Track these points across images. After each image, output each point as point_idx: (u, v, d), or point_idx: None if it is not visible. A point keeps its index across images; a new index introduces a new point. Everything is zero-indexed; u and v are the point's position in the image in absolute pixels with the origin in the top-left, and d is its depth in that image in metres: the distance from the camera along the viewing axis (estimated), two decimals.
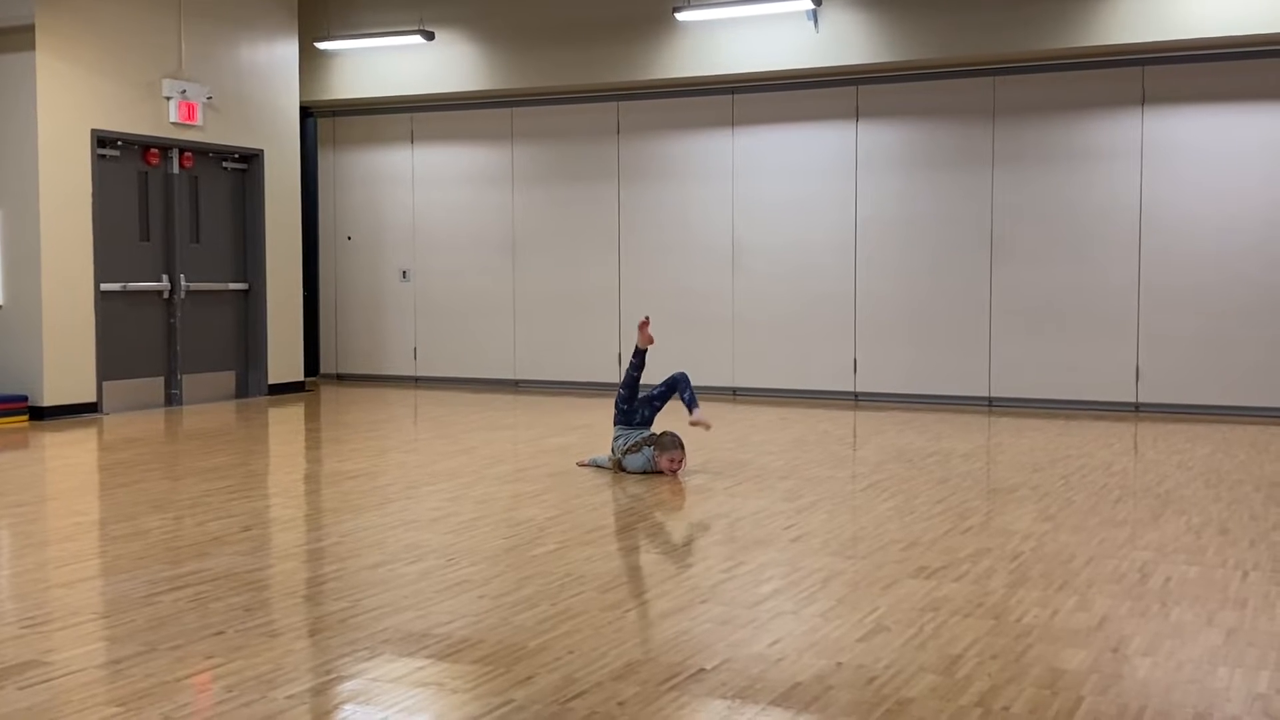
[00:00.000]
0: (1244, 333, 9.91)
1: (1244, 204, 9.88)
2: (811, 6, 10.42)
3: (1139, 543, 5.40)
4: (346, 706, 3.44)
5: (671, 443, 7.15)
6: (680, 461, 7.15)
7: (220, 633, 4.07)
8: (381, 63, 12.42)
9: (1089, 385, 10.40)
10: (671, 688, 3.53)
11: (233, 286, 11.59)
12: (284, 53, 11.87)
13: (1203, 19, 9.47)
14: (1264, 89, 9.79)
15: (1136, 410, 10.24)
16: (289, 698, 3.46)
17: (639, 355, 7.52)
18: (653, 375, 7.78)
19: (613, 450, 7.32)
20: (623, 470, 7.22)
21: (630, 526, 5.95)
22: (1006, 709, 3.37)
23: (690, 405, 7.41)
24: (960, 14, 10.21)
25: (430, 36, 11.86)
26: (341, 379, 13.30)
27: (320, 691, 3.53)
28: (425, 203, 12.86)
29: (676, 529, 5.75)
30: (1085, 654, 3.83)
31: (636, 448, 7.18)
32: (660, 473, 7.13)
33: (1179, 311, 10.11)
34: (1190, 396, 10.09)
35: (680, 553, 5.20)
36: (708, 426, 7.52)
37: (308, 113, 12.96)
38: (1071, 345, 10.43)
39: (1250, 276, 9.88)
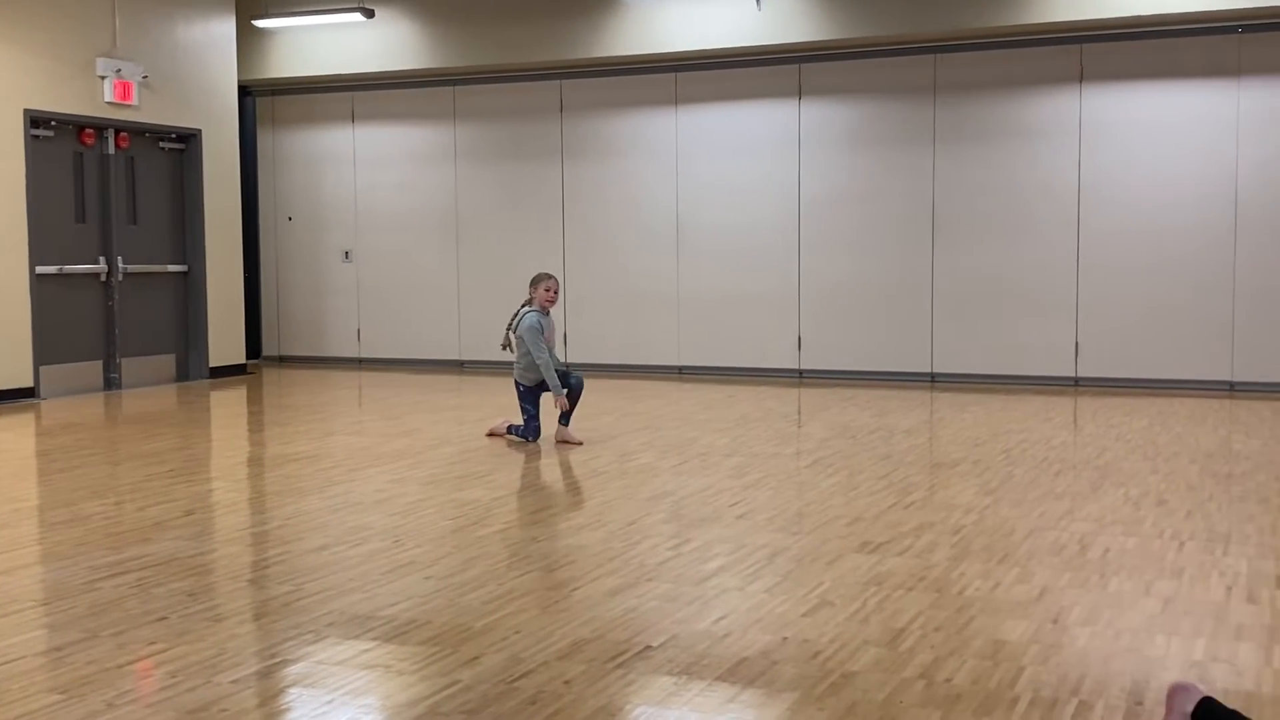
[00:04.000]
0: (1181, 307, 10.06)
1: (1180, 180, 10.02)
2: None
3: (1078, 515, 5.48)
4: (292, 690, 3.42)
5: (541, 277, 7.59)
6: (556, 289, 7.56)
7: (163, 618, 4.03)
8: (321, 41, 12.28)
9: (1029, 360, 10.52)
10: (618, 665, 3.55)
11: (171, 268, 11.44)
12: (221, 30, 11.70)
13: None
14: (1199, 66, 9.92)
15: (1076, 385, 10.38)
16: (234, 682, 3.44)
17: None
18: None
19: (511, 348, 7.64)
20: (532, 378, 7.47)
21: (576, 506, 5.96)
22: (949, 680, 3.41)
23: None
24: None
25: (370, 14, 11.72)
26: (284, 361, 13.18)
27: (265, 675, 3.51)
28: (367, 183, 12.75)
29: (622, 508, 5.76)
30: (1026, 625, 3.89)
31: (515, 326, 7.48)
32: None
33: (1117, 287, 10.24)
34: (1128, 370, 10.24)
35: (626, 531, 5.21)
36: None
37: (246, 92, 12.80)
38: (1012, 321, 10.54)
39: (1186, 251, 10.03)
